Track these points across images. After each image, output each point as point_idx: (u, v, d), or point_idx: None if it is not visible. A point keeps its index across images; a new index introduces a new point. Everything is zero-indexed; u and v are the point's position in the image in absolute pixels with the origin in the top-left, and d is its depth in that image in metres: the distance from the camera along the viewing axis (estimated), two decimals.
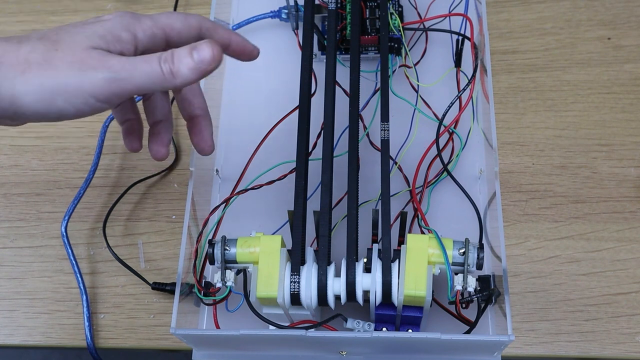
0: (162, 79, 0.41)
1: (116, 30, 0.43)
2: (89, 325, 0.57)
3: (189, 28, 0.46)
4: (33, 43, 0.41)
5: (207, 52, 0.42)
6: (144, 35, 0.44)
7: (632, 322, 0.56)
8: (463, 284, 0.48)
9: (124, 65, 0.41)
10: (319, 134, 0.58)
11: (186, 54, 0.42)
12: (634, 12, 0.68)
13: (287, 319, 0.52)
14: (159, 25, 0.45)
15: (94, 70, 0.40)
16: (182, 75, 0.42)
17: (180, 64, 0.41)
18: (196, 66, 0.42)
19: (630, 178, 0.61)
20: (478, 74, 0.59)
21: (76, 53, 0.41)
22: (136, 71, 0.41)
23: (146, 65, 0.41)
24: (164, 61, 0.41)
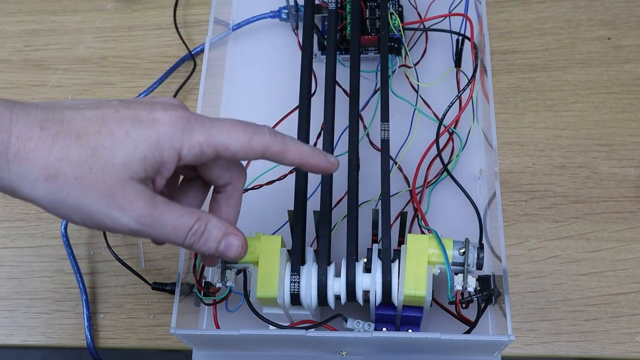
0: (180, 244, 0.40)
1: (160, 149, 0.38)
2: (89, 325, 0.57)
3: (249, 152, 0.40)
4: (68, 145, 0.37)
5: (233, 251, 0.40)
6: (189, 154, 0.39)
7: (632, 322, 0.56)
8: (463, 284, 0.48)
9: (153, 221, 0.38)
10: (319, 134, 0.58)
11: (215, 240, 0.40)
12: (634, 12, 0.68)
13: (287, 319, 0.52)
14: (211, 144, 0.39)
15: (122, 213, 0.37)
16: (199, 251, 0.40)
17: (204, 245, 0.40)
18: (217, 253, 0.40)
19: (630, 178, 0.61)
20: (478, 74, 0.59)
21: (109, 182, 0.37)
22: (163, 231, 0.38)
23: (174, 231, 0.39)
24: (193, 234, 0.39)
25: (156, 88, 0.66)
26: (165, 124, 0.38)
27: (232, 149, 0.39)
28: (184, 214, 0.39)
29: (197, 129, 0.39)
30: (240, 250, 0.41)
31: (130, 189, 0.37)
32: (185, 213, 0.39)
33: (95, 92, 0.68)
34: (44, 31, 0.72)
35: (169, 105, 0.40)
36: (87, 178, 0.37)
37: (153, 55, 0.70)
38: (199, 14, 0.72)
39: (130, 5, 0.73)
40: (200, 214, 0.40)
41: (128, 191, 0.37)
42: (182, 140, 0.38)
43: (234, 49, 0.69)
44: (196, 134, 0.39)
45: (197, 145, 0.39)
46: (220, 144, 0.39)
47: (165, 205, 0.38)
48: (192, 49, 0.69)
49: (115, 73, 0.69)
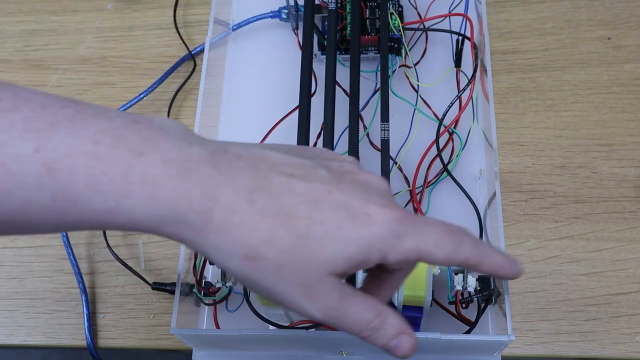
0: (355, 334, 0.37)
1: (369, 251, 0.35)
2: (89, 325, 0.57)
3: (449, 262, 0.37)
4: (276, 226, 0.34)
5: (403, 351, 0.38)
6: (393, 259, 0.36)
7: (632, 322, 0.56)
8: (463, 284, 0.48)
9: (338, 314, 0.36)
10: (319, 134, 0.58)
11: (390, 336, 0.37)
12: (634, 12, 0.68)
13: (287, 319, 0.52)
14: (417, 250, 0.36)
15: (313, 303, 0.35)
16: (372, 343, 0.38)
17: (377, 339, 0.37)
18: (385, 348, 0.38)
19: (630, 178, 0.61)
20: (478, 74, 0.59)
21: (311, 275, 0.34)
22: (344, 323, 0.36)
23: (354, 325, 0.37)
24: (370, 330, 0.37)
25: (156, 88, 0.66)
26: (379, 225, 0.35)
27: (435, 258, 0.37)
28: (367, 308, 0.37)
29: (409, 234, 0.36)
30: (410, 352, 0.38)
31: (326, 282, 0.35)
32: (368, 308, 0.37)
33: (95, 92, 0.68)
34: (44, 31, 0.72)
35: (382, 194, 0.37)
36: (288, 267, 0.34)
37: (153, 55, 0.70)
38: (199, 14, 0.72)
39: (130, 5, 0.73)
40: (380, 309, 0.37)
41: (324, 285, 0.35)
42: (392, 246, 0.35)
43: (234, 49, 0.69)
44: (407, 240, 0.36)
45: (405, 251, 0.36)
46: (426, 251, 0.36)
47: (352, 298, 0.36)
48: (192, 49, 0.69)
49: (115, 73, 0.69)
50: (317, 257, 0.34)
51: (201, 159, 0.33)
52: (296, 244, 0.34)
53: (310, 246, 0.34)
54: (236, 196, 0.33)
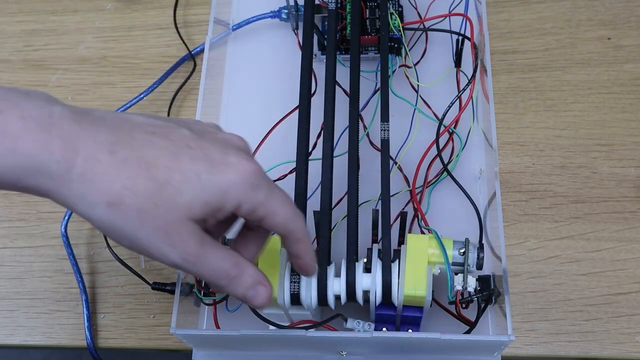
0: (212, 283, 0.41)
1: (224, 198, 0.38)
2: (89, 325, 0.57)
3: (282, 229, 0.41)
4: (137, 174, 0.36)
5: (259, 300, 0.41)
6: (246, 209, 0.39)
7: (632, 322, 0.56)
8: (463, 284, 0.48)
9: (196, 261, 0.38)
10: (319, 134, 0.58)
11: (246, 285, 0.41)
12: (634, 12, 0.68)
13: (287, 319, 0.52)
14: (266, 208, 0.39)
15: (171, 248, 0.37)
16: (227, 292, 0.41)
17: (233, 288, 0.40)
18: (243, 298, 0.41)
19: (630, 178, 0.61)
20: (478, 74, 0.59)
21: (169, 220, 0.37)
22: (202, 270, 0.39)
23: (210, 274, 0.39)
24: (226, 277, 0.40)
25: (156, 88, 0.66)
26: (237, 174, 0.38)
27: (275, 219, 0.40)
28: (225, 257, 0.39)
29: (263, 188, 0.39)
30: (265, 302, 0.41)
31: (185, 228, 0.37)
32: (226, 257, 0.39)
33: (95, 92, 0.68)
34: (44, 31, 0.72)
35: (241, 150, 0.40)
36: (149, 212, 0.36)
37: (153, 55, 0.70)
38: (199, 14, 0.72)
39: (130, 5, 0.73)
40: (239, 260, 0.40)
41: (183, 230, 0.37)
42: (246, 195, 0.38)
43: (234, 49, 0.69)
44: (260, 194, 0.39)
45: (257, 204, 0.39)
46: (272, 211, 0.40)
47: (211, 247, 0.39)
48: (192, 49, 0.69)
49: (115, 73, 0.69)
50: (176, 202, 0.36)
51: (63, 116, 0.35)
52: (156, 191, 0.36)
53: (170, 192, 0.36)
54: (98, 148, 0.35)
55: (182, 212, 0.37)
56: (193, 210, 0.37)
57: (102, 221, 0.36)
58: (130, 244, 0.38)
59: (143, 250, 0.38)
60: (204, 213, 0.38)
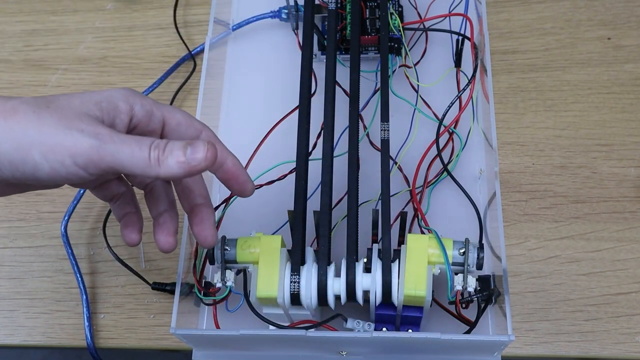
0: (147, 164, 0.39)
1: (114, 99, 0.41)
2: (89, 325, 0.57)
3: (190, 126, 0.44)
4: (25, 99, 0.39)
5: (201, 152, 0.39)
6: (141, 109, 0.42)
7: (632, 322, 0.56)
8: (463, 284, 0.48)
9: (113, 137, 0.38)
10: (319, 134, 0.58)
11: (180, 146, 0.39)
12: (634, 12, 0.68)
13: (287, 319, 0.52)
14: (159, 109, 0.43)
15: (81, 133, 0.38)
16: (168, 167, 0.39)
17: (170, 156, 0.39)
18: (186, 162, 0.39)
19: (630, 178, 0.61)
20: (478, 74, 0.59)
21: (67, 114, 0.39)
22: (123, 147, 0.38)
23: (135, 145, 0.39)
24: (155, 147, 0.39)
25: (156, 88, 0.66)
26: (116, 89, 0.42)
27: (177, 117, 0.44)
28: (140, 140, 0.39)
29: (147, 99, 0.44)
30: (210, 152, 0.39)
31: (88, 118, 0.39)
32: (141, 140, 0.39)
33: None
34: (44, 31, 0.72)
35: None
36: (45, 112, 0.38)
37: (153, 55, 0.70)
38: (199, 14, 0.72)
39: (130, 5, 0.73)
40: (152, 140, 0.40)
41: (86, 119, 0.39)
42: (135, 99, 0.42)
43: (234, 49, 0.69)
44: (147, 98, 0.43)
45: (148, 105, 0.43)
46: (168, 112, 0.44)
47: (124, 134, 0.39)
48: (192, 49, 0.69)
49: (115, 73, 0.69)
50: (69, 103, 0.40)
51: None
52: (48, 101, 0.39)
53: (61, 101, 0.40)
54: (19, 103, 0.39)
55: (78, 109, 0.39)
56: (88, 107, 0.40)
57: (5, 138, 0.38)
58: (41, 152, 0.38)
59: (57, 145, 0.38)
60: (99, 111, 0.40)
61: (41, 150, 0.38)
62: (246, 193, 0.46)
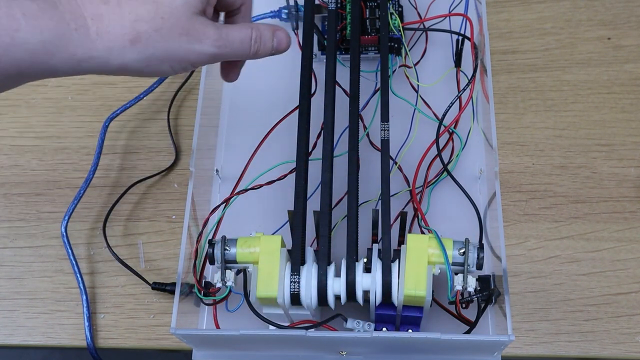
0: (247, 55, 0.47)
1: None
2: (89, 325, 0.57)
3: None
4: (134, 7, 0.42)
5: (284, 42, 0.49)
6: None
7: (632, 322, 0.56)
8: (463, 284, 0.48)
9: (225, 42, 0.45)
10: (319, 134, 0.58)
11: (269, 38, 0.48)
12: (634, 12, 0.68)
13: (287, 319, 0.52)
14: None
15: (201, 44, 0.44)
16: (262, 55, 0.48)
17: (264, 47, 0.48)
18: (273, 50, 0.48)
19: (630, 178, 0.61)
20: (478, 74, 0.59)
21: (182, 23, 0.43)
22: (234, 47, 0.46)
23: (241, 45, 0.46)
24: (255, 41, 0.47)
25: (156, 88, 0.66)
26: None
27: None
28: (241, 28, 0.46)
29: None
30: (288, 40, 0.49)
31: (199, 22, 0.44)
32: (242, 27, 0.47)
33: (95, 92, 0.68)
34: None
35: None
36: (164, 27, 0.43)
37: None
38: None
39: None
40: (250, 24, 0.48)
41: (198, 24, 0.44)
42: None
43: None
44: None
45: None
46: None
47: (226, 27, 0.46)
48: None
49: None
50: (176, 6, 0.43)
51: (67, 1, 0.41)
52: (156, 8, 0.42)
53: (165, 3, 0.43)
54: (95, 5, 0.42)
55: (186, 11, 0.43)
56: (191, 4, 0.43)
57: (138, 59, 0.42)
58: (170, 64, 0.44)
59: (183, 61, 0.44)
60: (200, 2, 0.44)
61: (170, 64, 0.44)
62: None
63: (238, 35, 0.46)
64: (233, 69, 0.52)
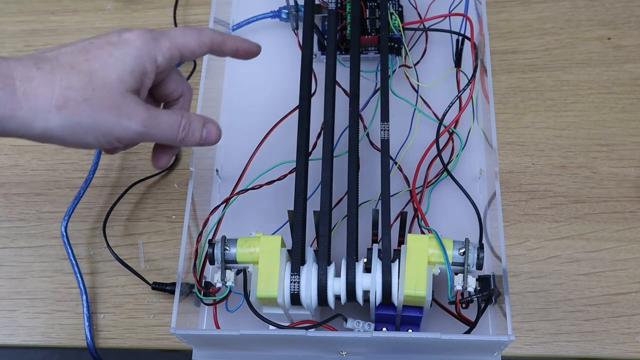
0: (174, 140, 0.47)
1: (142, 61, 0.45)
2: (89, 325, 0.57)
3: (202, 46, 0.49)
4: (67, 75, 0.42)
5: (213, 135, 0.49)
6: (163, 59, 0.46)
7: (632, 322, 0.56)
8: (463, 284, 0.48)
9: (153, 123, 0.45)
10: (319, 134, 0.58)
11: (198, 129, 0.48)
12: (634, 12, 0.68)
13: (287, 319, 0.52)
14: (176, 46, 0.47)
15: (129, 120, 0.44)
16: (189, 143, 0.48)
17: (192, 137, 0.48)
18: (201, 142, 0.49)
19: (630, 178, 0.61)
20: (478, 74, 0.59)
21: (113, 97, 0.43)
22: (161, 130, 0.46)
23: (169, 129, 0.46)
24: (183, 129, 0.47)
25: None
26: (136, 40, 0.45)
27: (190, 46, 0.48)
28: (172, 113, 0.47)
29: (161, 37, 0.46)
30: (218, 134, 0.50)
31: (130, 99, 0.44)
32: (173, 113, 0.47)
33: None
34: (44, 31, 0.72)
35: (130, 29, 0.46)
36: (94, 98, 0.42)
37: None
38: (199, 14, 0.72)
39: (130, 5, 0.73)
40: (182, 111, 0.48)
41: (129, 101, 0.44)
42: (155, 49, 0.46)
43: None
44: (163, 41, 0.46)
45: (167, 50, 0.46)
46: (181, 45, 0.47)
47: (157, 110, 0.46)
48: None
49: None
50: (110, 81, 0.43)
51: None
52: (89, 80, 0.42)
53: (100, 76, 0.43)
54: (27, 69, 0.42)
55: (119, 87, 0.43)
56: (126, 82, 0.44)
57: (62, 125, 0.42)
58: (95, 136, 0.43)
59: (108, 135, 0.44)
60: (135, 82, 0.44)
61: (95, 135, 0.43)
62: (255, 53, 0.53)
63: (167, 120, 0.46)
64: (163, 154, 0.51)
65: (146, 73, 0.45)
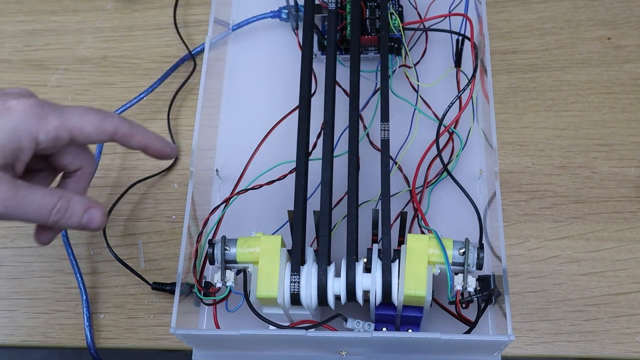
0: (45, 223, 0.42)
1: (17, 136, 0.40)
2: (89, 325, 0.57)
3: (102, 133, 0.43)
4: None
5: (95, 222, 0.44)
6: (45, 138, 0.41)
7: (632, 322, 0.56)
8: (463, 284, 0.48)
9: (18, 203, 0.40)
10: (319, 134, 0.58)
11: (78, 214, 0.43)
12: (634, 12, 0.68)
13: (287, 319, 0.52)
14: (66, 127, 0.42)
15: None
16: (64, 227, 0.43)
17: (68, 221, 0.43)
18: (80, 226, 0.43)
19: (630, 178, 0.61)
20: (478, 74, 0.59)
21: None
22: (28, 212, 0.41)
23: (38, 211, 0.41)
24: (57, 212, 0.42)
25: (156, 88, 0.66)
26: (19, 112, 0.40)
27: (85, 131, 0.42)
28: (47, 194, 0.42)
29: (52, 114, 0.41)
30: (102, 221, 0.44)
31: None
32: (48, 193, 0.42)
33: (95, 92, 0.68)
34: (44, 31, 0.72)
35: (21, 94, 0.42)
36: None
37: (153, 55, 0.70)
38: (199, 14, 0.72)
39: (130, 5, 0.73)
40: (61, 193, 0.43)
41: None
42: (38, 126, 0.41)
43: (234, 49, 0.69)
44: (51, 119, 0.41)
45: (52, 130, 0.41)
46: (74, 127, 0.42)
47: (27, 189, 0.41)
48: (192, 49, 0.69)
49: (115, 73, 0.69)
50: None
51: None
52: None
53: None
54: None
55: None
56: None
57: None
58: None
59: None
60: (2, 158, 0.40)
61: None
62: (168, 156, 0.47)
63: (38, 202, 0.41)
64: (45, 232, 0.46)
65: (22, 149, 0.41)
